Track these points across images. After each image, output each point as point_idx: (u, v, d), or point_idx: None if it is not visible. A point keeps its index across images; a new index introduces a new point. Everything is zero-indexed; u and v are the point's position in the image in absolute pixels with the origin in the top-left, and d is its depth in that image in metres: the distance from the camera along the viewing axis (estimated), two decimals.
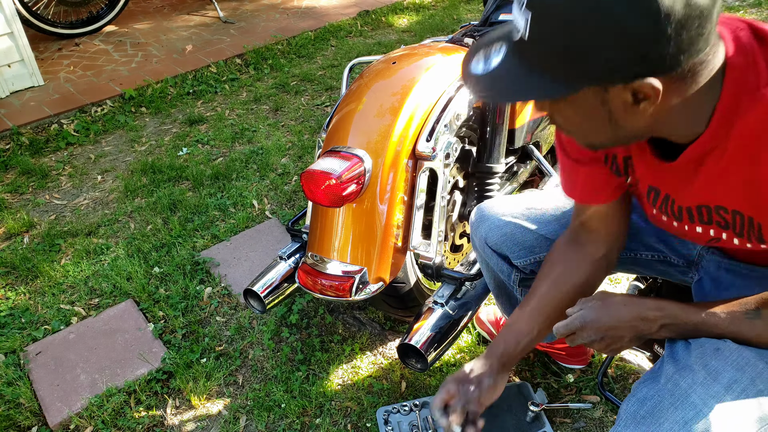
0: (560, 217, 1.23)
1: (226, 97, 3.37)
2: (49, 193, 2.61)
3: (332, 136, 1.44)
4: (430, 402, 1.18)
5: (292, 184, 2.54)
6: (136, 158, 2.82)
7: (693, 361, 0.88)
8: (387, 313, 1.82)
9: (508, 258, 1.28)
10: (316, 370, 1.70)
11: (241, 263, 2.11)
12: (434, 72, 1.48)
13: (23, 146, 2.91)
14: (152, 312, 1.93)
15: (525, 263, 1.27)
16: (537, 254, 1.25)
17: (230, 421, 1.58)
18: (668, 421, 0.84)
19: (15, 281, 2.11)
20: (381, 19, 4.38)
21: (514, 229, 1.24)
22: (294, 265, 1.59)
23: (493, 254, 1.30)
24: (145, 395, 1.67)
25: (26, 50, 3.30)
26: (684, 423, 0.82)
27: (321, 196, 1.31)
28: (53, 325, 1.90)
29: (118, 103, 3.28)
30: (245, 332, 1.84)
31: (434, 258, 1.46)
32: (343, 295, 1.38)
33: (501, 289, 1.40)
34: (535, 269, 1.26)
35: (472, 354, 1.72)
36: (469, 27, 1.97)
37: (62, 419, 1.61)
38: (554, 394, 1.60)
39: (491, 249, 1.29)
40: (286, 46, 3.91)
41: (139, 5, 4.72)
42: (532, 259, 1.25)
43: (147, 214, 2.40)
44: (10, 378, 1.72)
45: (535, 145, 1.87)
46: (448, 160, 1.42)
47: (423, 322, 1.40)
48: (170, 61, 3.70)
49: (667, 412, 0.85)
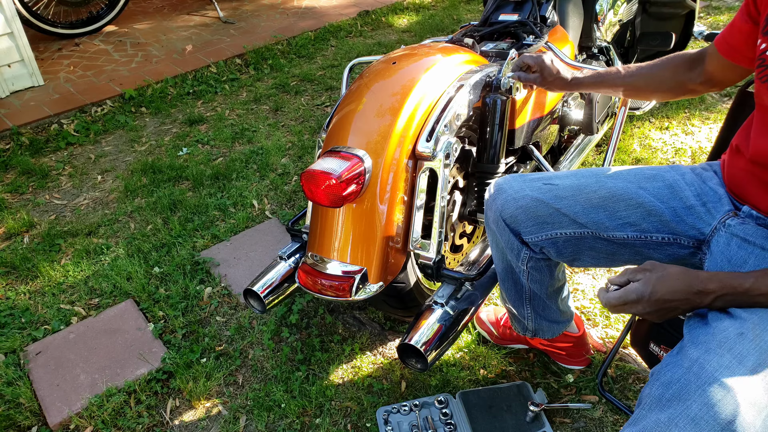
0: (576, 194, 1.25)
1: (226, 97, 3.37)
2: (49, 193, 2.61)
3: (332, 136, 1.44)
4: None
5: (292, 184, 2.54)
6: (136, 158, 2.82)
7: (717, 345, 0.89)
8: (387, 313, 1.82)
9: (519, 234, 1.30)
10: (316, 370, 1.71)
11: (241, 263, 2.11)
12: (434, 72, 1.48)
13: (23, 146, 2.91)
14: (152, 312, 1.93)
15: (536, 239, 1.28)
16: (549, 230, 1.26)
17: (230, 421, 1.58)
18: (696, 402, 0.85)
19: (15, 281, 2.11)
20: (381, 19, 4.38)
21: (530, 202, 1.26)
22: (294, 265, 1.59)
23: (505, 229, 1.31)
24: (145, 395, 1.67)
25: (26, 50, 3.30)
26: (712, 405, 0.83)
27: (321, 196, 1.32)
28: (53, 325, 1.90)
29: (118, 103, 3.28)
30: (245, 332, 1.85)
31: (434, 258, 1.46)
32: (343, 295, 1.38)
33: (508, 273, 1.41)
34: (545, 247, 1.28)
35: (472, 354, 1.72)
36: (469, 27, 1.98)
37: (62, 419, 1.61)
38: (554, 394, 1.60)
39: (505, 222, 1.31)
40: (286, 46, 3.91)
41: (139, 5, 4.72)
42: (543, 235, 1.27)
43: (147, 214, 2.40)
44: (10, 378, 1.72)
45: (535, 145, 1.87)
46: (448, 160, 1.42)
47: (423, 322, 1.40)
48: (170, 61, 3.70)
49: (694, 394, 0.85)
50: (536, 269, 1.36)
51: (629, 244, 1.23)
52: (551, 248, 1.29)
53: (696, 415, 0.84)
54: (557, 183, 1.28)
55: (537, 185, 1.29)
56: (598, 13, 2.18)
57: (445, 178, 1.43)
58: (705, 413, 0.84)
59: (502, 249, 1.37)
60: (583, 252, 1.27)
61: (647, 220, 1.21)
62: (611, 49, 2.23)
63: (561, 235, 1.26)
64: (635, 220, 1.21)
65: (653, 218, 1.21)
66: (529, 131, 1.79)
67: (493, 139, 1.59)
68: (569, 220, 1.24)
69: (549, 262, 1.35)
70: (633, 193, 1.21)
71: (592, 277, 1.98)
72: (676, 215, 1.19)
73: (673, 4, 2.46)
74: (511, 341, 1.72)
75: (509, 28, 1.89)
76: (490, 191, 1.35)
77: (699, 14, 3.64)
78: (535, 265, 1.35)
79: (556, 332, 1.53)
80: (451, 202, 1.65)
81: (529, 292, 1.42)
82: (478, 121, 1.61)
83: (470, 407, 1.53)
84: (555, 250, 1.29)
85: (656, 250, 1.23)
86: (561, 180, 1.29)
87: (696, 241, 1.19)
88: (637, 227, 1.21)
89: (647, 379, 1.60)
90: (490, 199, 1.34)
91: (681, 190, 1.20)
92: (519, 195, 1.28)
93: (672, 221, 1.20)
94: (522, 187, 1.30)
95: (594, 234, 1.23)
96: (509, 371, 1.67)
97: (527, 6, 1.93)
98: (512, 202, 1.29)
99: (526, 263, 1.34)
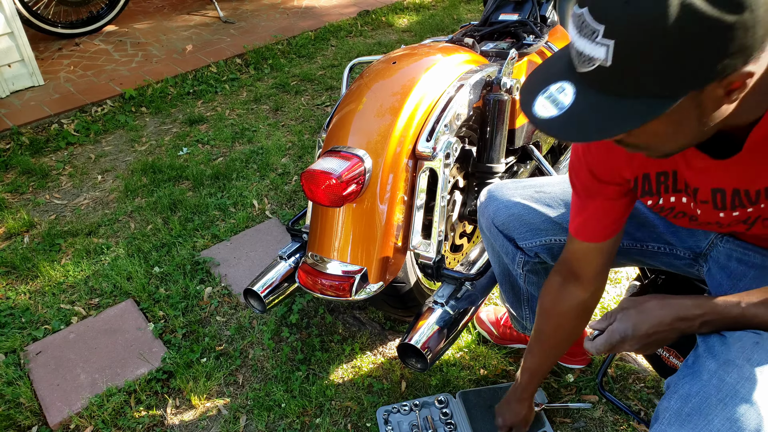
0: (568, 202, 1.24)
1: (227, 97, 3.37)
2: (50, 193, 2.61)
3: (332, 135, 1.44)
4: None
5: (292, 184, 2.54)
6: (137, 158, 2.82)
7: (734, 355, 0.87)
8: (387, 313, 1.82)
9: (514, 240, 1.30)
10: (316, 370, 1.71)
11: (241, 263, 2.11)
12: (434, 72, 1.48)
13: (23, 146, 2.91)
14: (152, 312, 1.93)
15: (530, 245, 1.28)
16: (543, 237, 1.26)
17: (230, 421, 1.58)
18: (718, 417, 0.82)
19: (15, 281, 2.11)
20: (381, 19, 4.38)
21: (522, 210, 1.26)
22: (294, 264, 1.59)
23: (499, 235, 1.31)
24: (145, 395, 1.67)
25: (26, 50, 3.30)
26: (735, 420, 0.81)
27: (321, 196, 1.31)
28: (53, 325, 1.90)
29: (118, 102, 3.28)
30: (245, 332, 1.85)
31: (434, 258, 1.46)
32: (343, 295, 1.38)
33: (505, 276, 1.41)
34: (540, 252, 1.27)
35: (472, 354, 1.72)
36: (469, 27, 1.97)
37: (62, 419, 1.61)
38: (554, 394, 1.60)
39: (498, 229, 1.30)
40: (286, 46, 3.91)
41: (139, 5, 4.72)
42: (537, 241, 1.26)
43: (147, 214, 2.40)
44: (10, 378, 1.72)
45: (535, 145, 1.87)
46: (448, 160, 1.42)
47: (423, 322, 1.40)
48: (170, 61, 3.70)
49: (715, 408, 0.83)
50: (533, 272, 1.35)
51: (625, 251, 1.22)
52: (546, 254, 1.28)
53: (719, 430, 0.82)
54: (549, 191, 1.27)
55: (528, 192, 1.28)
56: None
57: (445, 177, 1.42)
58: (728, 428, 0.81)
59: (498, 253, 1.36)
60: None
61: (641, 231, 1.20)
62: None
63: (556, 242, 1.26)
64: (629, 230, 1.20)
65: (647, 229, 1.20)
66: (530, 131, 1.79)
67: (494, 138, 1.59)
68: (562, 228, 1.23)
69: (546, 266, 1.34)
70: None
71: None
72: (670, 228, 1.18)
73: None
74: (512, 341, 1.72)
75: (509, 27, 1.89)
76: (481, 199, 1.35)
77: None
78: (531, 269, 1.34)
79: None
80: (451, 201, 1.65)
81: (527, 294, 1.42)
82: (479, 121, 1.61)
83: (470, 407, 1.53)
84: (550, 255, 1.28)
85: (653, 258, 1.23)
86: (552, 188, 1.28)
87: (692, 252, 1.18)
88: (631, 236, 1.20)
89: (647, 379, 1.60)
90: (482, 206, 1.34)
91: None
92: (510, 203, 1.27)
93: (666, 233, 1.19)
94: (513, 194, 1.28)
95: None
96: (509, 371, 1.67)
97: (527, 6, 1.93)
98: (504, 210, 1.28)
99: (522, 267, 1.33)
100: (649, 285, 1.45)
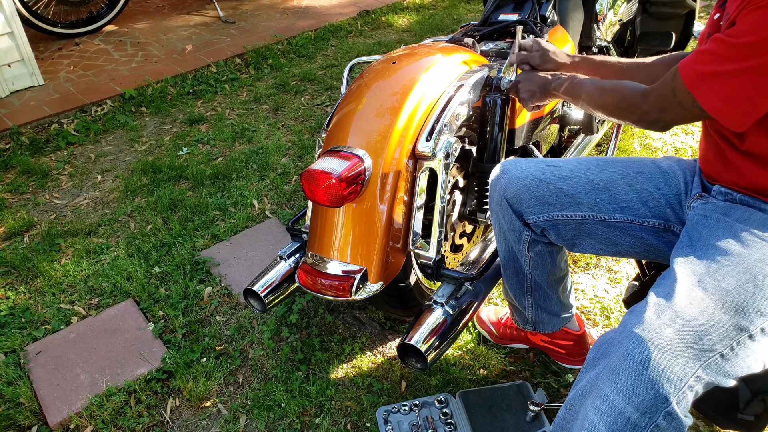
0: (579, 175, 1.30)
1: (226, 97, 3.37)
2: (49, 193, 2.61)
3: (332, 135, 1.44)
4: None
5: (292, 184, 2.54)
6: (136, 158, 2.82)
7: (642, 307, 0.99)
8: (387, 312, 1.82)
9: (522, 215, 1.34)
10: (316, 370, 1.71)
11: (241, 263, 2.11)
12: (434, 72, 1.48)
13: (23, 146, 2.91)
14: (152, 312, 1.93)
15: (538, 219, 1.32)
16: (551, 212, 1.30)
17: (230, 421, 1.59)
18: (616, 355, 0.95)
19: (15, 281, 2.11)
20: (381, 19, 4.38)
21: (533, 182, 1.31)
22: (294, 264, 1.59)
23: (508, 209, 1.35)
24: (145, 395, 1.67)
25: (26, 50, 3.30)
26: (628, 353, 0.93)
27: (321, 196, 1.32)
28: (53, 325, 1.90)
29: (118, 102, 3.28)
30: (245, 332, 1.85)
31: (434, 258, 1.46)
32: (343, 295, 1.38)
33: (510, 260, 1.44)
34: (546, 228, 1.33)
35: (472, 354, 1.72)
36: (469, 27, 1.98)
37: (62, 419, 1.61)
38: (554, 393, 1.60)
39: (508, 203, 1.35)
40: (286, 45, 3.91)
41: (139, 5, 4.72)
42: (545, 216, 1.31)
43: (147, 214, 2.40)
44: (10, 378, 1.72)
45: (535, 145, 1.87)
46: (448, 160, 1.42)
47: (423, 321, 1.40)
48: (170, 60, 3.70)
49: (616, 348, 0.95)
50: (538, 255, 1.39)
51: (628, 228, 1.26)
52: (552, 230, 1.32)
53: (616, 365, 0.93)
54: (561, 165, 1.34)
55: (541, 166, 1.35)
56: (598, 13, 2.18)
57: (445, 177, 1.43)
58: (622, 362, 0.92)
59: (505, 233, 1.40)
60: (583, 237, 1.31)
61: (645, 206, 1.25)
62: (611, 49, 2.23)
63: (562, 218, 1.30)
64: (634, 204, 1.25)
65: (651, 204, 1.25)
66: (529, 131, 1.79)
67: (493, 138, 1.59)
68: (571, 200, 1.28)
69: (551, 248, 1.38)
70: (632, 178, 1.26)
71: (592, 276, 1.99)
72: (669, 203, 1.24)
73: (673, 4, 2.46)
74: (512, 341, 1.72)
75: (509, 27, 1.89)
76: (496, 172, 1.40)
77: (699, 14, 3.64)
78: (536, 250, 1.38)
79: (556, 326, 1.54)
80: (451, 201, 1.65)
81: (531, 281, 1.44)
82: (478, 121, 1.61)
83: (470, 407, 1.53)
84: (555, 232, 1.32)
85: (653, 235, 1.27)
86: (565, 163, 1.35)
87: (663, 221, 1.25)
88: (635, 212, 1.25)
89: None
90: (495, 179, 1.39)
91: (674, 178, 1.25)
92: (523, 174, 1.33)
93: (666, 207, 1.24)
94: (526, 167, 1.35)
95: (594, 218, 1.27)
96: (509, 371, 1.67)
97: (527, 6, 1.93)
98: (516, 182, 1.33)
99: (527, 246, 1.38)
100: (648, 284, 1.45)
